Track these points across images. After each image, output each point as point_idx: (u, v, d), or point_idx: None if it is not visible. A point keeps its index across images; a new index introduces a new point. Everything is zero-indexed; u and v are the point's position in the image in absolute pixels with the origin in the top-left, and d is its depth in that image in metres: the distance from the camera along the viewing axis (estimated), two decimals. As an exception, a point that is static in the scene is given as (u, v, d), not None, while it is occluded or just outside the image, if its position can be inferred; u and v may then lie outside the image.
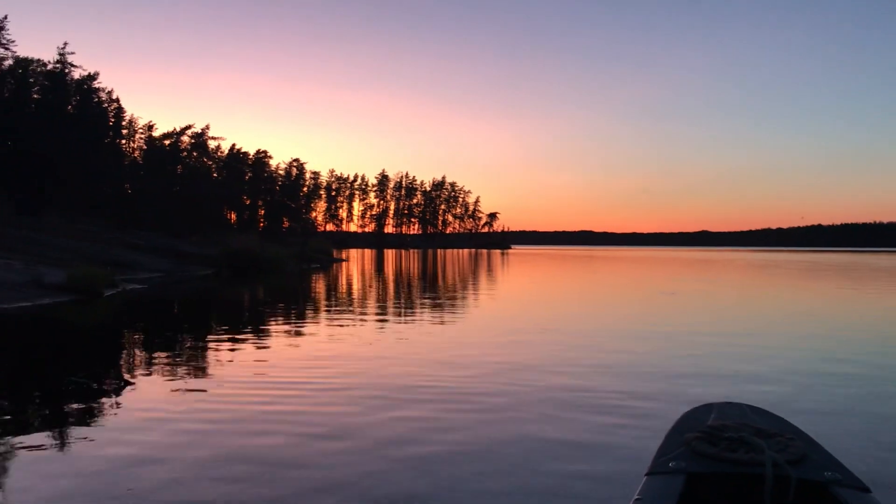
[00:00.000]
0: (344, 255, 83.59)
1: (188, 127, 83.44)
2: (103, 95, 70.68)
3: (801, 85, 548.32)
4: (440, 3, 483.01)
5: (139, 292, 23.19)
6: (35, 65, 67.84)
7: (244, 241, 37.02)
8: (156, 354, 11.35)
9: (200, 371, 9.81)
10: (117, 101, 74.68)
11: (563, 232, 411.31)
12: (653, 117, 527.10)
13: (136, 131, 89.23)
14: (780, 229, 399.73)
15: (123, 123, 79.93)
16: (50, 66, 66.92)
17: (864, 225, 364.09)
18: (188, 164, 78.64)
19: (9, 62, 64.19)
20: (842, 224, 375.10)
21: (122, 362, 10.94)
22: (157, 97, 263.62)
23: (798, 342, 13.03)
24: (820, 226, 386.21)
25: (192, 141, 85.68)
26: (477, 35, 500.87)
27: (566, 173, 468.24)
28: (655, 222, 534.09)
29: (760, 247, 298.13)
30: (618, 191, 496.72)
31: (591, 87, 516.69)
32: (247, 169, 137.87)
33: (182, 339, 13.47)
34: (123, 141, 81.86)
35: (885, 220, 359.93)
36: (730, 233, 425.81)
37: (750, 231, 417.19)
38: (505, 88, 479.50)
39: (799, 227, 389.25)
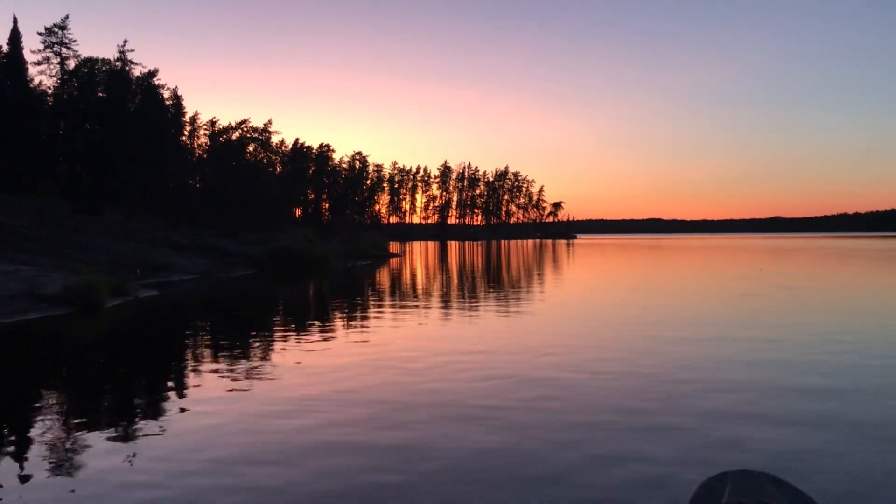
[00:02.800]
0: (400, 250, 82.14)
1: (244, 121, 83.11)
2: (166, 93, 71.12)
3: (876, 65, 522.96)
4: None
5: (152, 300, 20.90)
6: (99, 64, 68.53)
7: (287, 240, 35.43)
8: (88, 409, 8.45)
9: (152, 443, 6.86)
10: (180, 97, 75.16)
11: (631, 220, 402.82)
12: (722, 101, 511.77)
13: (198, 128, 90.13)
14: (857, 214, 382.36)
15: (185, 120, 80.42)
16: (109, 66, 67.42)
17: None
18: (247, 161, 78.26)
19: (71, 62, 64.89)
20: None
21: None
22: (221, 94, 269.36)
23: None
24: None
25: (253, 136, 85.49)
26: (540, 23, 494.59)
27: (633, 160, 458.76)
28: (726, 208, 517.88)
29: (836, 232, 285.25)
30: (687, 177, 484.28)
31: (657, 72, 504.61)
32: (310, 163, 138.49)
33: (151, 376, 10.53)
34: (185, 137, 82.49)
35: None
36: (804, 218, 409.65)
37: (825, 216, 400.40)
38: (569, 75, 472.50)
39: (876, 212, 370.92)
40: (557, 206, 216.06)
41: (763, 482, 3.59)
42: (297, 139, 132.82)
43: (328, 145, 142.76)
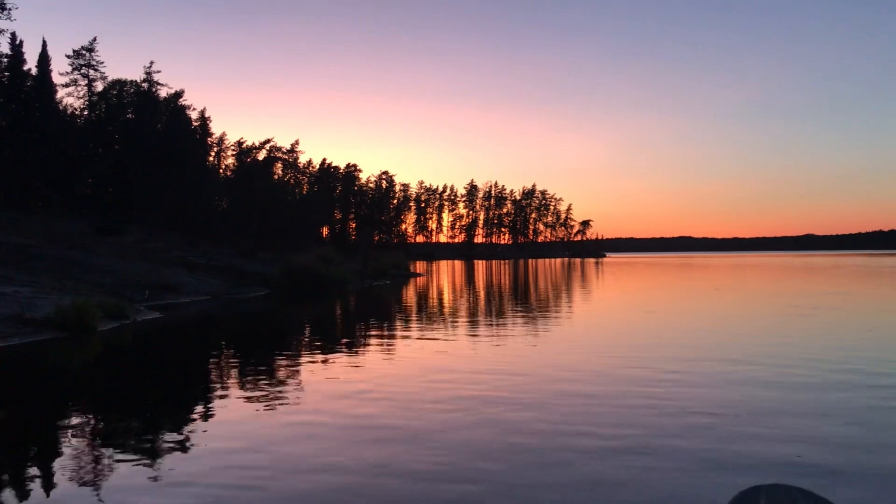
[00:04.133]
0: (426, 269, 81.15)
1: (268, 140, 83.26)
2: (193, 114, 71.38)
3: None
4: (528, 14, 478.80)
5: (152, 324, 19.56)
6: (128, 86, 69.02)
7: (305, 259, 34.50)
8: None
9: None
10: (207, 119, 75.32)
11: (661, 238, 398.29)
12: (752, 118, 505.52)
13: (225, 149, 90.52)
14: (892, 231, 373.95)
15: (212, 141, 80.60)
16: (137, 87, 67.90)
17: None
18: (270, 180, 78.12)
19: (98, 84, 65.38)
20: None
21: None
22: (248, 117, 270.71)
23: None
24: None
25: (276, 156, 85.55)
26: (566, 43, 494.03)
27: (662, 178, 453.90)
28: (757, 226, 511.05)
29: (869, 250, 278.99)
30: (717, 194, 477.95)
31: (688, 90, 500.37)
32: (337, 183, 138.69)
33: (123, 414, 9.23)
34: (212, 158, 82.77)
35: None
36: (837, 236, 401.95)
37: (858, 234, 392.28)
38: (594, 94, 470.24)
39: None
40: (586, 224, 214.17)
41: (795, 496, 3.58)
42: (324, 159, 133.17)
43: (355, 165, 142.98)
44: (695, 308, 23.53)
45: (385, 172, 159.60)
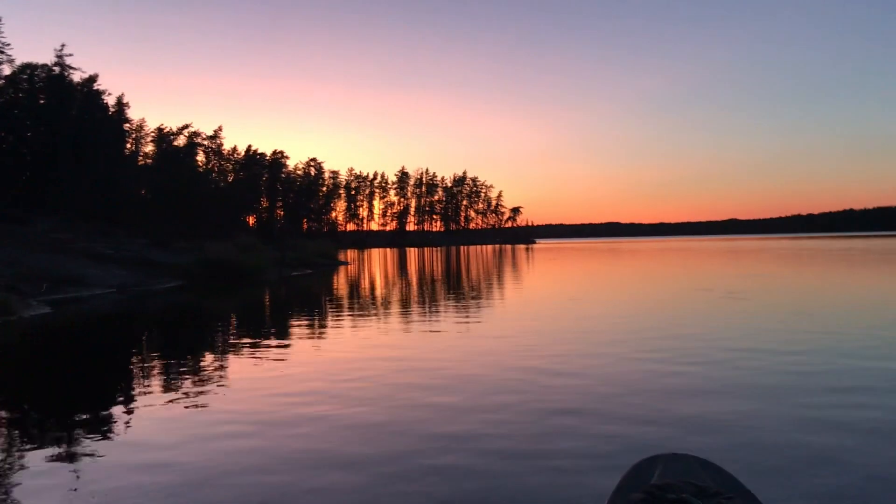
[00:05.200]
0: (357, 257, 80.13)
1: (186, 126, 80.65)
2: (110, 99, 68.23)
3: (822, 68, 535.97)
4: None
5: (40, 320, 17.68)
6: (39, 70, 65.43)
7: (221, 249, 33.17)
8: None
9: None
10: (124, 104, 72.13)
11: (589, 224, 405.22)
12: (676, 106, 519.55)
13: (145, 136, 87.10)
14: (810, 215, 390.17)
15: (129, 127, 77.24)
16: (48, 71, 64.46)
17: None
18: (189, 168, 75.61)
19: (5, 67, 61.75)
20: (875, 208, 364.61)
21: None
22: (170, 103, 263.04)
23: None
24: (852, 210, 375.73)
25: (196, 142, 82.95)
26: (494, 28, 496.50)
27: (590, 165, 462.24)
28: (682, 211, 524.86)
29: (790, 234, 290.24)
30: (643, 181, 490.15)
31: (612, 78, 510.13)
32: (264, 171, 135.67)
33: None
34: (130, 145, 79.50)
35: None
36: (759, 220, 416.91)
37: (779, 218, 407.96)
38: (524, 81, 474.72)
39: (829, 213, 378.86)
40: (516, 211, 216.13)
41: (692, 464, 3.72)
42: (249, 146, 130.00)
43: (282, 152, 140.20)
44: (619, 295, 23.51)
45: (313, 159, 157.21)
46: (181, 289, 27.84)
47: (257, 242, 44.16)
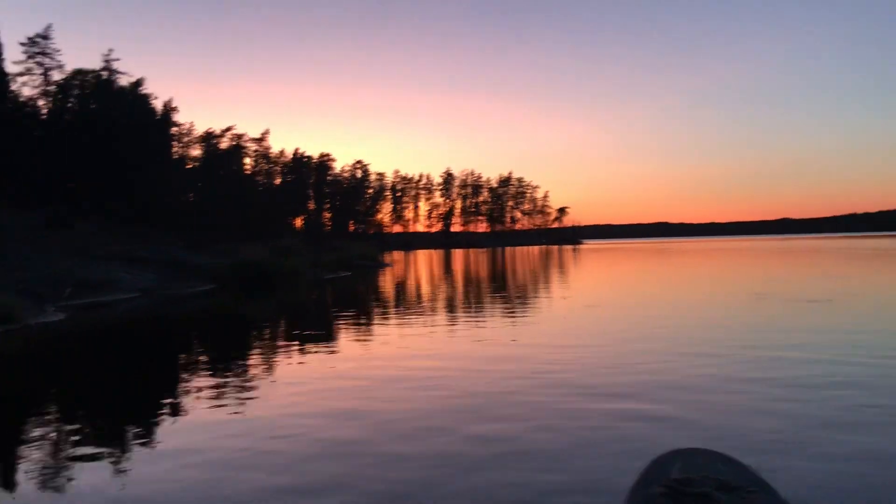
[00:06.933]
0: (403, 259, 79.64)
1: (229, 128, 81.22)
2: (157, 103, 69.05)
3: (881, 67, 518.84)
4: (503, 1, 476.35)
5: (48, 329, 16.39)
6: (89, 77, 66.46)
7: (254, 251, 32.65)
8: None
9: None
10: (171, 108, 72.91)
11: (637, 224, 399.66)
12: (724, 104, 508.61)
13: (193, 140, 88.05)
14: (866, 213, 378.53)
15: (177, 131, 78.11)
16: (97, 76, 65.50)
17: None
18: (235, 170, 76.10)
19: (55, 73, 62.83)
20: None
21: None
22: (219, 110, 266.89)
23: None
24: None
25: (241, 144, 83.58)
26: (540, 26, 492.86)
27: (638, 164, 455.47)
28: (733, 211, 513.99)
29: (845, 233, 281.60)
30: (692, 180, 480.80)
31: (660, 76, 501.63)
32: (311, 173, 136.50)
33: None
34: (178, 148, 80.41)
35: None
36: (812, 219, 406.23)
37: (833, 217, 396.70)
38: (570, 81, 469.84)
39: (884, 211, 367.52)
40: (562, 211, 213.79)
41: (712, 459, 3.69)
42: (296, 149, 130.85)
43: (328, 154, 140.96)
44: (668, 298, 22.36)
45: (359, 162, 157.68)
46: (211, 293, 27.24)
47: (299, 245, 43.83)
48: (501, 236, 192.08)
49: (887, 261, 40.60)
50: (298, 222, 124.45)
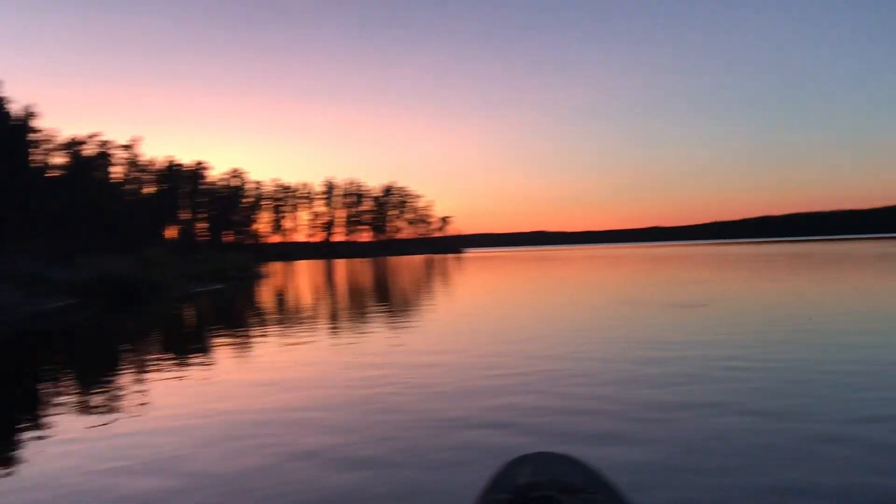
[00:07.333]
0: (276, 270, 77.53)
1: (94, 135, 76.83)
2: (15, 108, 64.19)
3: (741, 81, 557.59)
4: (387, 9, 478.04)
5: None
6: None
7: (119, 263, 30.55)
8: None
9: None
10: (32, 114, 68.02)
11: (518, 233, 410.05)
12: (603, 117, 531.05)
13: (54, 147, 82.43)
14: (730, 222, 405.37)
15: (34, 138, 72.86)
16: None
17: (809, 214, 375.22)
18: (99, 179, 71.96)
19: None
20: (787, 214, 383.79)
21: None
22: (88, 115, 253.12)
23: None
24: (767, 217, 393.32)
25: (107, 151, 79.16)
26: (421, 38, 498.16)
27: (518, 174, 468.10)
28: (608, 220, 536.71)
29: (711, 240, 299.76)
30: (570, 190, 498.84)
31: (540, 89, 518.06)
32: (184, 182, 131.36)
33: None
34: (39, 156, 75.14)
35: (825, 209, 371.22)
36: (680, 227, 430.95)
37: (700, 225, 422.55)
38: (452, 91, 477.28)
39: (746, 219, 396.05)
40: (445, 220, 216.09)
41: (560, 462, 3.73)
42: (169, 157, 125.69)
43: (203, 162, 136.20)
44: (535, 305, 22.61)
45: (236, 170, 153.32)
46: (69, 308, 25.05)
47: (167, 256, 41.60)
48: (385, 245, 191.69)
49: (742, 265, 43.19)
50: (172, 232, 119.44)
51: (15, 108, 66.92)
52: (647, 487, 5.12)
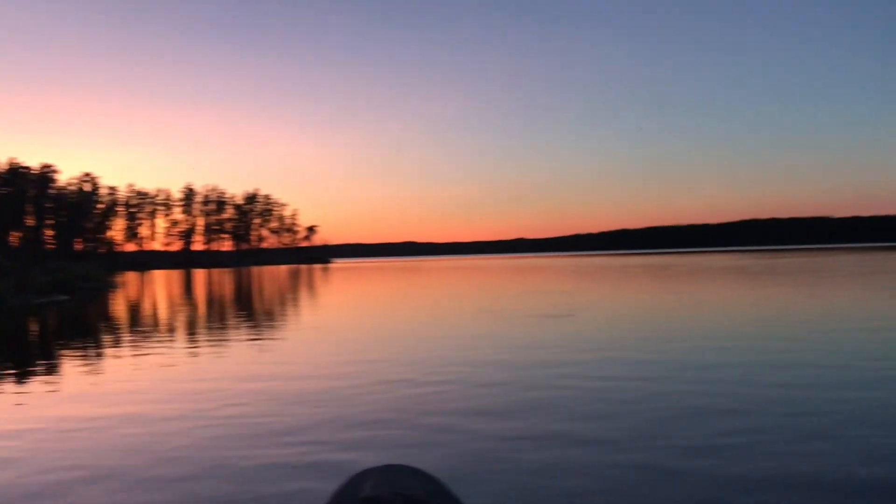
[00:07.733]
0: (130, 280, 73.80)
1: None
2: None
3: (606, 95, 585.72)
4: (250, 10, 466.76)
5: None
6: None
7: None
8: None
9: None
10: None
11: (387, 244, 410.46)
12: (469, 128, 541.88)
13: None
14: (590, 234, 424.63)
15: None
16: None
17: (664, 228, 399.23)
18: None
19: None
20: (646, 227, 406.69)
21: None
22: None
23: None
24: (625, 230, 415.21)
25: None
26: (292, 44, 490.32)
27: (386, 185, 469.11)
28: (475, 231, 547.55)
29: (574, 252, 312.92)
30: (438, 202, 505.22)
31: (408, 99, 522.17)
32: (29, 185, 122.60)
33: None
34: None
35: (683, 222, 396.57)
36: (544, 239, 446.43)
37: (563, 237, 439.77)
38: (318, 100, 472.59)
39: (606, 232, 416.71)
40: (311, 229, 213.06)
41: (403, 474, 2.82)
42: (11, 159, 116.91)
43: (51, 165, 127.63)
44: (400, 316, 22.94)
45: (87, 174, 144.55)
46: None
47: (8, 264, 38.63)
48: (248, 255, 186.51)
49: (597, 276, 45.51)
50: (15, 239, 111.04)
51: None
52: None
